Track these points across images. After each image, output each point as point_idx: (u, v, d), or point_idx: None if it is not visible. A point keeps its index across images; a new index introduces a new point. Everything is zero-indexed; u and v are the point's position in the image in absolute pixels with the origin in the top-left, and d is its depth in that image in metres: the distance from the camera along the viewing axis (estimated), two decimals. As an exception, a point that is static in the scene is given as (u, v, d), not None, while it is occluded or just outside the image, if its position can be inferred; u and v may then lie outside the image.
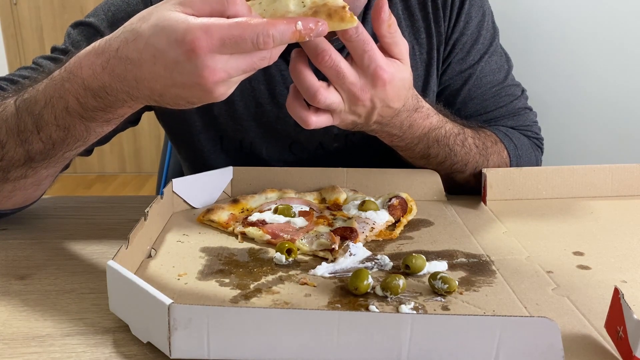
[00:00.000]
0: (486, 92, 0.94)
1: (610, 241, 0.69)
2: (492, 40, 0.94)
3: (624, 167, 0.84)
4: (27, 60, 3.56)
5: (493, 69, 0.94)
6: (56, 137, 0.62)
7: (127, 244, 0.56)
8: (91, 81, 0.56)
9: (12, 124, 0.62)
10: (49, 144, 0.62)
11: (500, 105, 0.94)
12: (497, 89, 0.94)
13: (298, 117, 0.64)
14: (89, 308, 0.54)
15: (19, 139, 0.62)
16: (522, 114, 0.97)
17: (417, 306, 0.54)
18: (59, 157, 0.65)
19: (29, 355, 0.47)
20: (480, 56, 0.93)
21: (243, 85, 0.84)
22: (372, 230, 0.69)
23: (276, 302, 0.55)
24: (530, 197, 0.83)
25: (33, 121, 0.61)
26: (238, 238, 0.69)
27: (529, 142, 0.95)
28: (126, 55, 0.53)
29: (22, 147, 0.63)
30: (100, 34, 0.83)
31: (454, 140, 0.80)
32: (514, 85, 0.97)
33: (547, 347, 0.43)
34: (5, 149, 0.63)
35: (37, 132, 0.62)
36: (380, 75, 0.61)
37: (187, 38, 0.49)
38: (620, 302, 0.46)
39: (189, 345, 0.45)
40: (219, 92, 0.53)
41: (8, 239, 0.70)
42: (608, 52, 2.31)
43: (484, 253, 0.66)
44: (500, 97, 0.94)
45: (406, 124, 0.73)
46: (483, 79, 0.93)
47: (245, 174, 0.82)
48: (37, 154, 0.64)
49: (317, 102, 0.62)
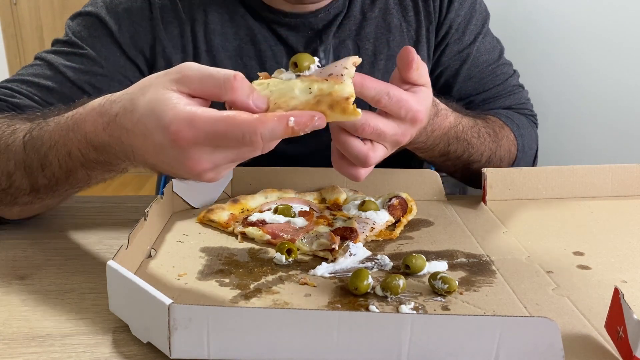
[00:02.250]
0: (483, 71, 0.97)
1: (610, 241, 0.69)
2: (485, 22, 0.98)
3: (624, 167, 0.84)
4: (27, 60, 3.56)
5: (488, 49, 0.98)
6: (59, 176, 0.63)
7: (127, 244, 0.56)
8: (93, 137, 0.56)
9: (20, 159, 0.64)
10: (52, 181, 0.64)
11: (497, 83, 0.98)
12: (493, 67, 0.98)
13: (349, 174, 0.63)
14: (89, 308, 0.54)
15: (25, 172, 0.64)
16: (517, 92, 1.00)
17: (417, 306, 0.54)
18: (62, 192, 0.67)
19: (29, 355, 0.47)
20: (474, 36, 0.96)
21: (235, 61, 0.88)
22: (372, 230, 0.69)
23: (276, 302, 0.55)
24: (530, 197, 0.82)
25: (38, 159, 0.62)
26: (238, 238, 0.69)
27: (527, 120, 0.99)
28: (123, 124, 0.52)
29: (27, 180, 0.64)
30: (100, 19, 0.84)
31: (470, 133, 0.82)
32: (507, 64, 1.01)
33: (547, 347, 0.43)
34: (13, 178, 0.65)
35: (42, 170, 0.63)
36: (418, 117, 0.60)
37: (172, 128, 0.48)
38: (620, 302, 0.46)
39: (189, 345, 0.45)
40: (207, 177, 0.52)
41: (8, 239, 0.70)
42: (608, 52, 2.31)
43: (484, 253, 0.66)
44: (496, 76, 0.98)
45: (429, 130, 0.73)
46: (479, 58, 0.97)
47: (245, 174, 0.82)
48: (41, 188, 0.65)
49: (369, 164, 0.61)
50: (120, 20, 0.84)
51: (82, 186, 0.66)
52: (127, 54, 0.85)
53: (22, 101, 0.78)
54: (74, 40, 0.84)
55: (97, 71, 0.83)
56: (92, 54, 0.83)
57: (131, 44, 0.85)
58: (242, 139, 0.47)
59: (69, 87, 0.82)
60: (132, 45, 0.85)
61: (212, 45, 0.88)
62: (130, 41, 0.85)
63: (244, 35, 0.89)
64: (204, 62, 0.86)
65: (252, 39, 0.89)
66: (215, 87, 0.49)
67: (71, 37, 0.84)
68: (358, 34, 0.92)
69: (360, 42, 0.92)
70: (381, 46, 0.92)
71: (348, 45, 0.92)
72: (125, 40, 0.85)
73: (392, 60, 0.93)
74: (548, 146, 1.02)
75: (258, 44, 0.89)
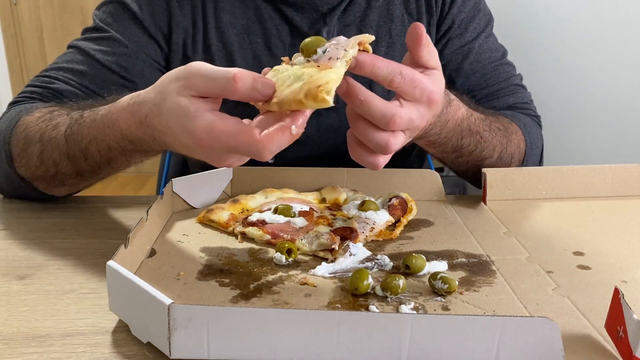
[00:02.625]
0: (486, 67, 0.99)
1: (610, 241, 0.69)
2: (488, 24, 1.01)
3: (624, 167, 0.84)
4: (27, 60, 3.56)
5: (491, 48, 1.00)
6: (101, 163, 0.71)
7: (127, 244, 0.56)
8: (127, 134, 0.63)
9: (63, 150, 0.72)
10: (95, 167, 0.72)
11: (500, 79, 0.99)
12: (496, 64, 1.00)
13: (367, 163, 0.62)
14: (89, 308, 0.54)
15: (69, 161, 0.72)
16: (520, 91, 1.02)
17: (417, 306, 0.54)
18: (104, 175, 0.76)
19: (29, 355, 0.47)
20: (477, 34, 0.98)
21: (242, 38, 0.93)
22: (372, 230, 0.69)
23: (276, 302, 0.55)
24: (530, 197, 0.82)
25: (80, 151, 0.70)
26: (238, 238, 0.69)
27: (532, 120, 0.99)
28: (154, 124, 0.58)
29: (72, 166, 0.73)
30: (123, 4, 0.91)
31: (482, 126, 0.82)
32: (511, 65, 1.03)
33: (547, 347, 0.43)
34: (59, 166, 0.73)
35: (85, 159, 0.71)
36: (433, 98, 0.60)
37: (196, 136, 0.54)
38: (621, 302, 0.46)
39: (189, 345, 0.45)
40: (232, 165, 0.58)
41: (8, 239, 0.70)
42: (608, 51, 2.31)
43: (484, 253, 0.66)
44: (499, 73, 1.00)
45: (443, 121, 0.73)
46: (482, 54, 0.99)
47: (245, 174, 0.82)
48: (85, 172, 0.74)
49: (390, 152, 0.60)
50: (141, 2, 0.91)
51: (123, 168, 0.74)
52: (148, 31, 0.91)
53: (60, 86, 0.86)
54: (100, 26, 0.91)
55: (122, 52, 0.89)
56: (117, 37, 0.90)
57: (152, 22, 0.91)
58: (252, 154, 0.53)
59: (99, 68, 0.88)
60: (152, 23, 0.91)
61: (221, 22, 0.92)
62: (151, 19, 0.91)
63: (251, 14, 0.93)
64: (212, 37, 0.92)
65: (259, 18, 0.93)
66: (219, 89, 0.54)
67: (98, 24, 0.91)
68: (362, 21, 0.95)
69: (363, 28, 0.95)
70: (383, 34, 0.95)
71: (352, 30, 0.94)
72: (146, 19, 0.90)
73: (392, 48, 0.96)
74: (548, 146, 1.02)
75: (264, 22, 0.93)
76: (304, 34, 0.92)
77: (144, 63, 0.90)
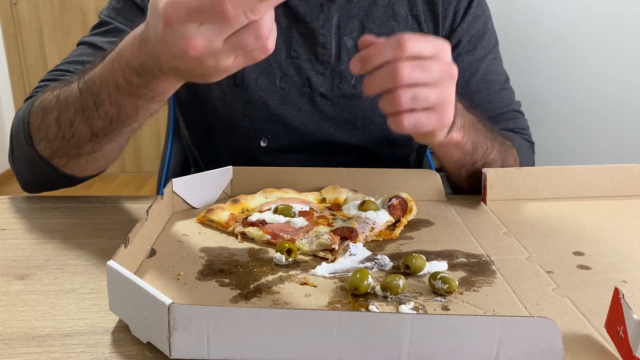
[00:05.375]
0: (491, 88, 0.99)
1: (610, 241, 0.69)
2: (495, 45, 1.01)
3: (624, 167, 0.84)
4: (27, 60, 3.56)
5: (497, 71, 1.00)
6: (112, 113, 0.70)
7: (127, 244, 0.56)
8: (132, 60, 0.63)
9: (78, 104, 0.71)
10: (107, 121, 0.71)
11: (503, 104, 1.00)
12: (499, 88, 1.00)
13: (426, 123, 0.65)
14: (89, 308, 0.54)
15: (83, 117, 0.71)
16: (520, 118, 1.03)
17: (417, 306, 0.54)
18: (116, 132, 0.73)
19: (29, 355, 0.47)
20: (485, 53, 0.98)
21: None
22: (372, 230, 0.69)
23: (276, 302, 0.55)
24: (530, 197, 0.83)
25: (92, 100, 0.70)
26: (238, 238, 0.69)
27: (528, 146, 1.01)
28: (146, 34, 0.59)
29: (86, 125, 0.72)
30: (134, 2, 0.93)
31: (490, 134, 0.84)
32: (512, 91, 1.04)
33: (547, 347, 0.43)
34: (75, 126, 0.73)
35: (97, 109, 0.70)
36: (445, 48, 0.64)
37: (161, 12, 0.53)
38: (620, 302, 0.46)
39: (189, 345, 0.45)
40: (208, 62, 0.55)
41: (8, 239, 0.70)
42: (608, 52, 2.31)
43: (484, 253, 0.66)
44: (502, 98, 1.00)
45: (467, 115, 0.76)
46: (488, 76, 0.99)
47: (245, 174, 0.82)
48: (99, 130, 0.72)
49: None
50: None
51: (132, 122, 0.72)
52: None
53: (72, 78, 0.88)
54: (105, 20, 0.93)
55: None
56: (121, 27, 0.91)
57: None
58: (214, 10, 0.50)
59: None
60: None
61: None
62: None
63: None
64: None
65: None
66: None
67: (103, 19, 0.94)
68: (366, 15, 0.95)
69: (366, 22, 0.95)
70: (385, 31, 0.96)
71: (355, 22, 0.95)
72: (146, 5, 0.91)
73: None
74: (548, 146, 1.03)
75: None
76: (301, 18, 0.93)
77: None
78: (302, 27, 0.94)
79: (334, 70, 0.94)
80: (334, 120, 0.96)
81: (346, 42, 0.94)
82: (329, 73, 0.95)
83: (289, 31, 0.94)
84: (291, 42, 0.94)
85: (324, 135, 0.97)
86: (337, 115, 0.96)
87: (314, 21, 0.93)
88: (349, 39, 0.94)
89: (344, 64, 0.94)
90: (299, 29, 0.94)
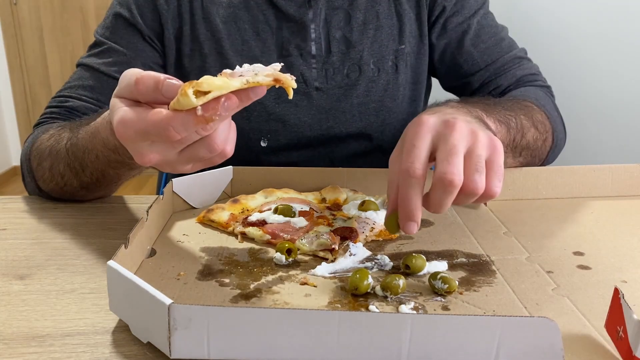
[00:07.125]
0: (487, 41, 1.00)
1: (610, 241, 0.69)
2: (485, 2, 1.02)
3: (624, 167, 0.84)
4: (27, 60, 3.56)
5: (490, 24, 1.02)
6: (97, 175, 0.75)
7: (127, 244, 0.56)
8: (107, 142, 0.66)
9: (66, 162, 0.76)
10: (93, 179, 0.76)
11: (503, 53, 1.01)
12: (497, 38, 1.01)
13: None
14: (89, 308, 0.54)
15: (72, 173, 0.76)
16: (526, 63, 1.03)
17: (417, 306, 0.54)
18: (105, 187, 0.79)
19: (29, 355, 0.47)
20: (474, 10, 1.00)
21: (230, 26, 0.96)
22: (372, 230, 0.69)
23: (276, 302, 0.55)
24: (530, 197, 0.82)
25: (78, 162, 0.74)
26: (238, 238, 0.69)
27: (544, 93, 0.99)
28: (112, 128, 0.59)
29: (76, 179, 0.77)
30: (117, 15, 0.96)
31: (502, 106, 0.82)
32: (511, 40, 1.04)
33: (547, 347, 0.43)
34: (65, 178, 0.78)
35: (83, 170, 0.75)
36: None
37: (115, 127, 0.55)
38: (620, 302, 0.46)
39: (189, 345, 0.45)
40: (166, 169, 0.58)
41: (8, 239, 0.70)
42: (608, 52, 2.31)
43: (484, 253, 0.66)
44: (501, 47, 1.01)
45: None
46: (481, 30, 1.00)
47: (245, 174, 0.82)
48: (88, 185, 0.78)
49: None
50: (130, 6, 0.96)
51: (117, 182, 0.79)
52: (142, 34, 0.96)
53: (74, 103, 0.92)
54: (100, 40, 0.97)
55: (122, 60, 0.95)
56: (115, 46, 0.95)
57: (143, 24, 0.95)
58: (160, 135, 0.52)
59: (106, 80, 0.94)
60: (144, 25, 0.96)
61: (209, 12, 0.96)
62: (142, 22, 0.95)
63: (237, 2, 0.96)
64: (199, 28, 0.96)
65: (246, 5, 0.97)
66: (130, 94, 0.55)
67: (98, 39, 0.97)
68: (350, 4, 0.98)
69: (352, 11, 0.98)
70: (371, 17, 0.98)
71: (340, 13, 0.97)
72: (138, 22, 0.95)
73: (380, 31, 0.98)
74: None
75: (250, 9, 0.96)
76: (291, 17, 0.95)
77: (144, 67, 0.91)
78: (293, 26, 0.96)
79: (326, 62, 0.97)
80: (331, 112, 0.98)
81: (335, 34, 0.96)
82: (321, 66, 0.97)
83: (280, 32, 0.96)
84: (282, 43, 0.96)
85: (323, 128, 0.99)
86: (333, 107, 0.98)
87: (304, 17, 0.95)
88: (337, 30, 0.97)
89: (335, 56, 0.97)
90: (290, 28, 0.96)
